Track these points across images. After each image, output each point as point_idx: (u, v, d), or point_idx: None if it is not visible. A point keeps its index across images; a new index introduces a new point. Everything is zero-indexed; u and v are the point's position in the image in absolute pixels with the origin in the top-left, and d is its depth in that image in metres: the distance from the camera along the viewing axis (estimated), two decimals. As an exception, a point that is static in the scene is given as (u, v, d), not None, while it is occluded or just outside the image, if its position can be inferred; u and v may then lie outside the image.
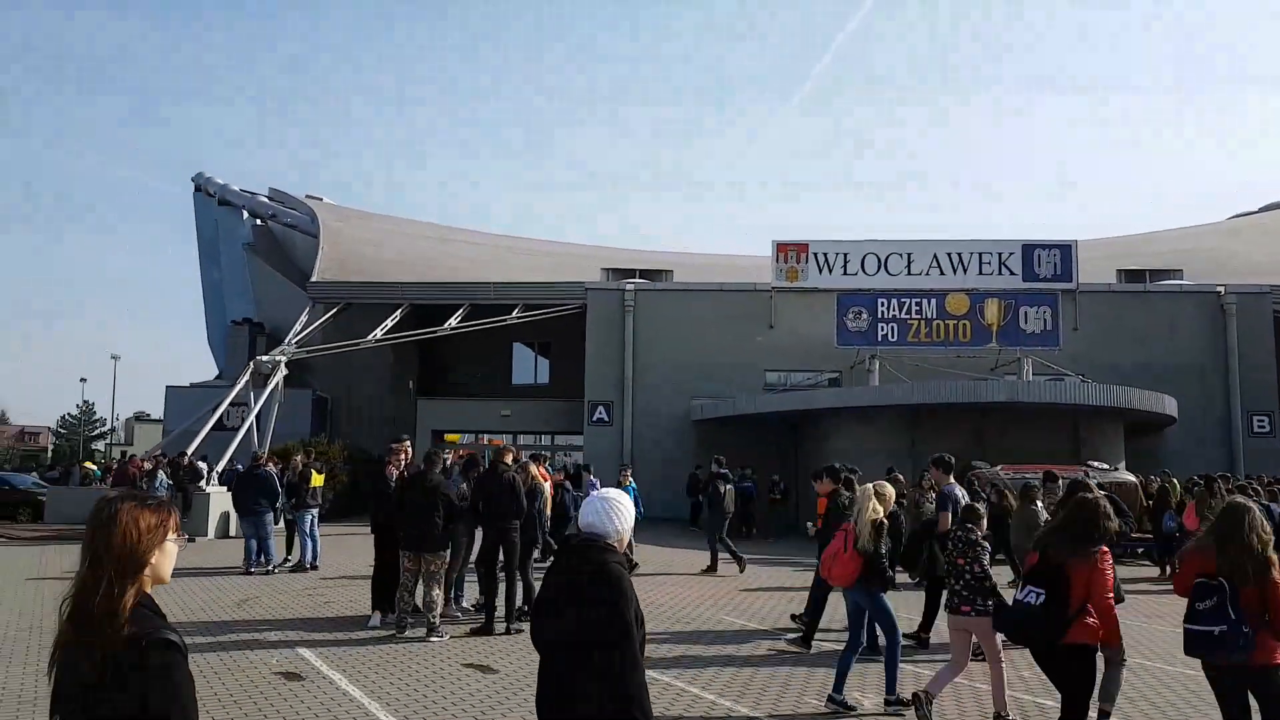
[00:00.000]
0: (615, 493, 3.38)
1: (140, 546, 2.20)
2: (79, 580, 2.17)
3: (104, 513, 2.24)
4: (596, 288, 28.36)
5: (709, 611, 10.89)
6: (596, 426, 27.47)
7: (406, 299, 27.84)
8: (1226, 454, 26.32)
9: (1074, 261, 26.15)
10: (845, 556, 6.85)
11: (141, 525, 2.23)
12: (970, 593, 6.41)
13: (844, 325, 25.36)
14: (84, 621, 2.11)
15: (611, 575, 3.10)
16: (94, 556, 2.18)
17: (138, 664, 2.08)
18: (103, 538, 2.19)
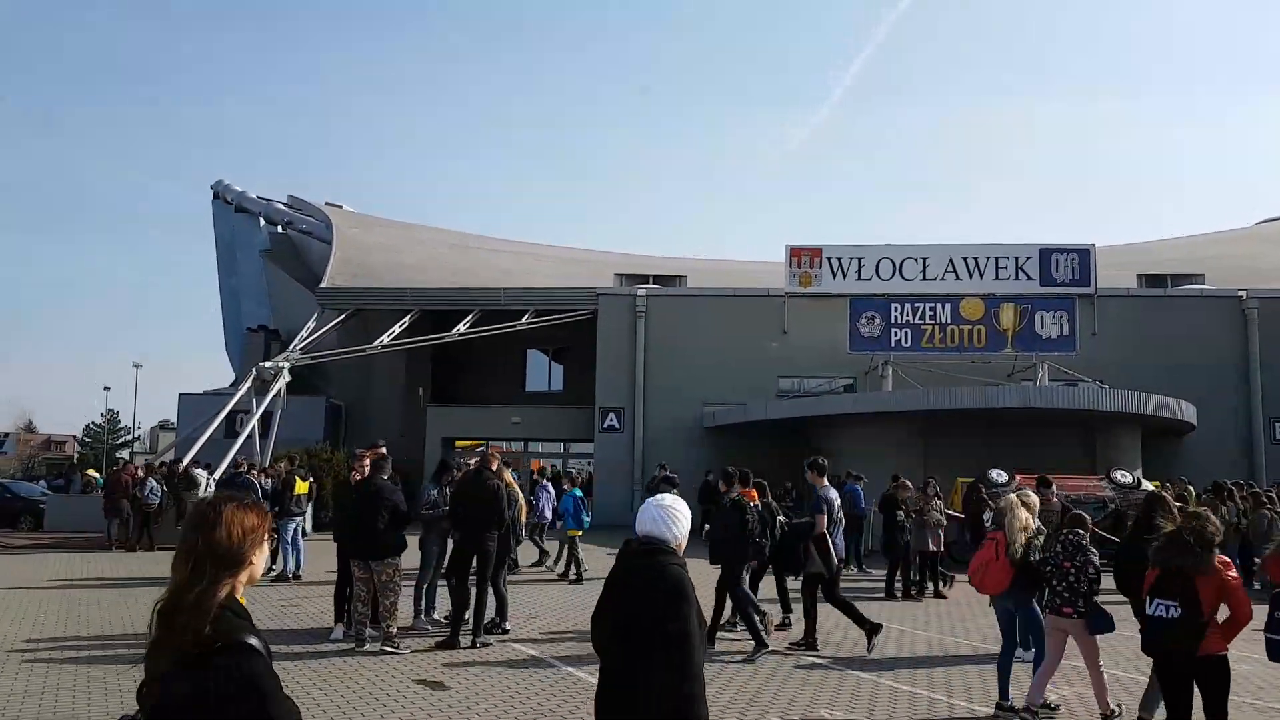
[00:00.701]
0: (671, 499, 3.40)
1: (242, 547, 2.23)
2: (177, 581, 2.17)
3: (208, 514, 2.25)
4: (608, 293, 28.19)
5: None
6: (607, 433, 27.29)
7: (416, 304, 27.81)
8: (1247, 461, 25.75)
9: (1092, 265, 25.68)
10: (997, 566, 6.95)
11: (245, 525, 2.25)
12: (1072, 594, 6.58)
13: (857, 330, 25.09)
14: (174, 622, 2.11)
15: (673, 578, 3.14)
16: (197, 558, 2.18)
17: (217, 667, 2.07)
18: (206, 539, 2.20)
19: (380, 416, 31.84)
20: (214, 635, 2.09)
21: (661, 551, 3.20)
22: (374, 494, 8.60)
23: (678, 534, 3.26)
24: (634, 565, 3.21)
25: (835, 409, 23.06)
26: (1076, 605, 6.57)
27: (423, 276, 30.34)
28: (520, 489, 12.39)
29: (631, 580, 3.19)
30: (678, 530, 3.26)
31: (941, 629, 10.84)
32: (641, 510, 3.36)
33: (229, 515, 2.24)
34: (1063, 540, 6.86)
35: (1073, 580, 6.58)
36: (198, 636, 2.08)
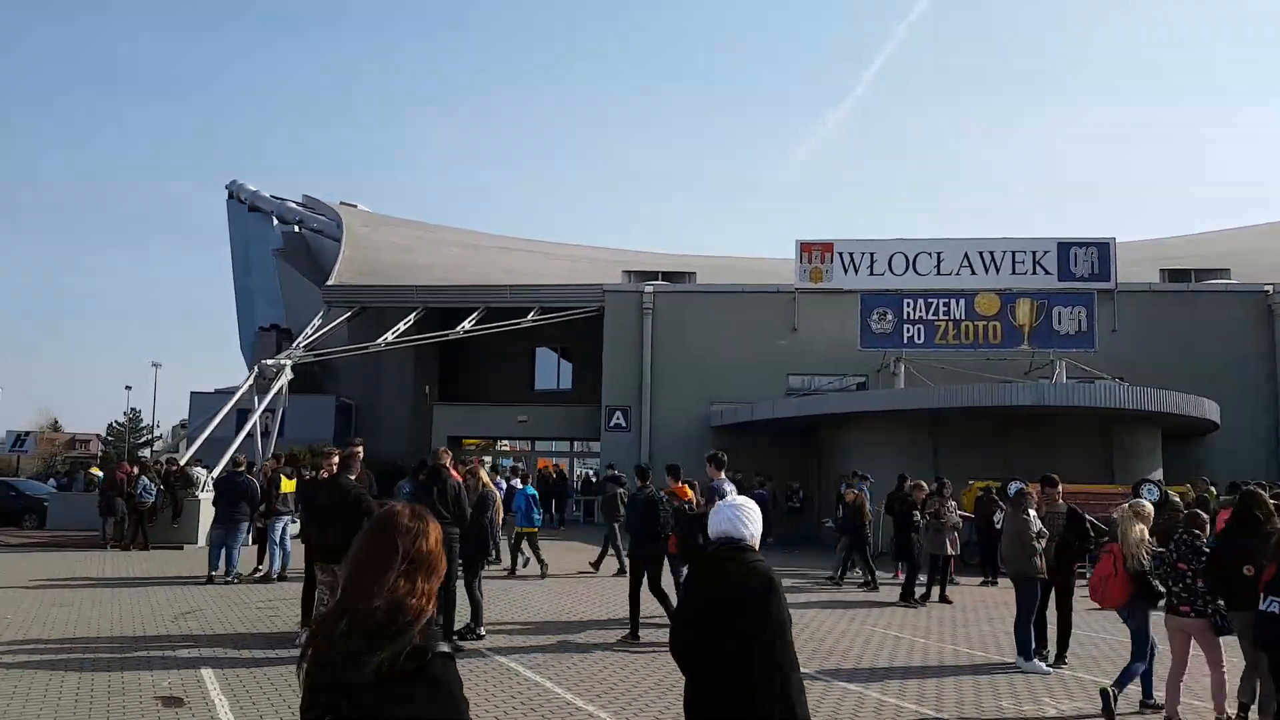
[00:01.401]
0: (742, 499, 3.48)
1: (435, 555, 2.27)
2: (360, 585, 2.17)
3: (414, 525, 2.28)
4: (614, 290, 27.80)
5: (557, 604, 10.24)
6: (614, 432, 26.92)
7: (422, 302, 27.54)
8: (1274, 460, 24.93)
9: (1112, 259, 25.01)
10: (1116, 580, 7.07)
11: (436, 535, 2.29)
12: (1190, 594, 6.63)
13: (868, 327, 24.55)
14: (370, 627, 2.10)
15: (762, 573, 3.16)
16: (374, 563, 2.19)
17: (419, 675, 2.08)
18: (406, 545, 2.22)
19: (390, 416, 31.68)
20: (425, 645, 2.11)
21: (742, 550, 3.25)
22: (339, 493, 8.22)
23: (753, 531, 3.31)
24: (720, 567, 3.23)
25: (842, 407, 22.55)
26: (1194, 604, 6.62)
27: (431, 275, 30.11)
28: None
29: (721, 581, 3.20)
30: (754, 528, 3.32)
31: (942, 636, 10.36)
32: (714, 512, 3.40)
33: (426, 524, 2.28)
34: (1177, 541, 6.89)
35: (1189, 581, 6.65)
36: (408, 644, 2.08)
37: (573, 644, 9.08)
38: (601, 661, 8.39)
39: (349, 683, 2.05)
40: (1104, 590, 7.16)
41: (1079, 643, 9.92)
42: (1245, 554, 6.23)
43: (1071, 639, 9.31)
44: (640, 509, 9.54)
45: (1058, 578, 8.99)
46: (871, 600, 13.02)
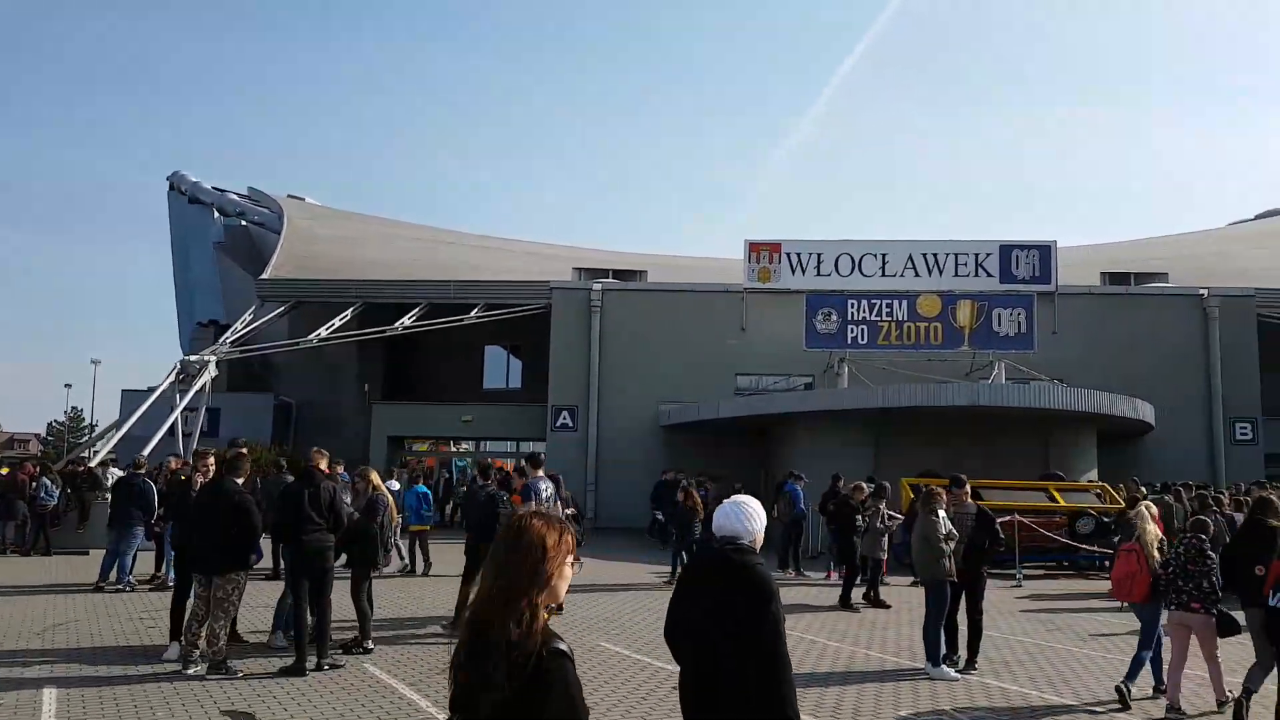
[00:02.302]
0: (745, 498, 3.51)
1: (544, 564, 2.29)
2: (485, 590, 2.27)
3: (513, 528, 2.37)
4: (562, 287, 27.49)
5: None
6: (560, 432, 26.61)
7: (361, 297, 26.98)
8: (1208, 462, 25.37)
9: (1053, 262, 25.23)
10: (1143, 577, 7.54)
11: (547, 543, 2.32)
12: (1200, 594, 7.15)
13: (813, 327, 24.53)
14: (489, 631, 2.19)
15: (757, 574, 3.20)
16: (500, 569, 2.28)
17: (540, 675, 2.15)
18: (514, 552, 2.29)
19: (332, 415, 31.09)
20: (542, 644, 2.18)
21: (742, 550, 3.27)
22: (216, 499, 7.74)
23: (754, 529, 3.35)
24: (716, 564, 3.24)
25: (785, 407, 22.50)
26: (1204, 603, 7.16)
27: (374, 269, 29.53)
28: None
29: (719, 580, 3.21)
30: (754, 526, 3.35)
31: (858, 641, 10.23)
32: (719, 510, 3.44)
33: (532, 531, 2.33)
34: (1186, 544, 7.38)
35: (1199, 581, 7.17)
36: (527, 648, 2.16)
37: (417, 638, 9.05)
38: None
39: (483, 683, 2.15)
40: (1130, 587, 7.65)
41: (994, 646, 9.86)
42: (1256, 556, 7.02)
43: (983, 643, 9.23)
44: (480, 506, 9.66)
45: (967, 580, 8.90)
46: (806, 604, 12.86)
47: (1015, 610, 12.56)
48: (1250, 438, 26.04)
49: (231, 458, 8.24)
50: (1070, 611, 12.68)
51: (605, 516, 25.44)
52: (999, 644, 10.07)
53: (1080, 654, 9.76)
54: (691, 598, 3.30)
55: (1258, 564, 6.92)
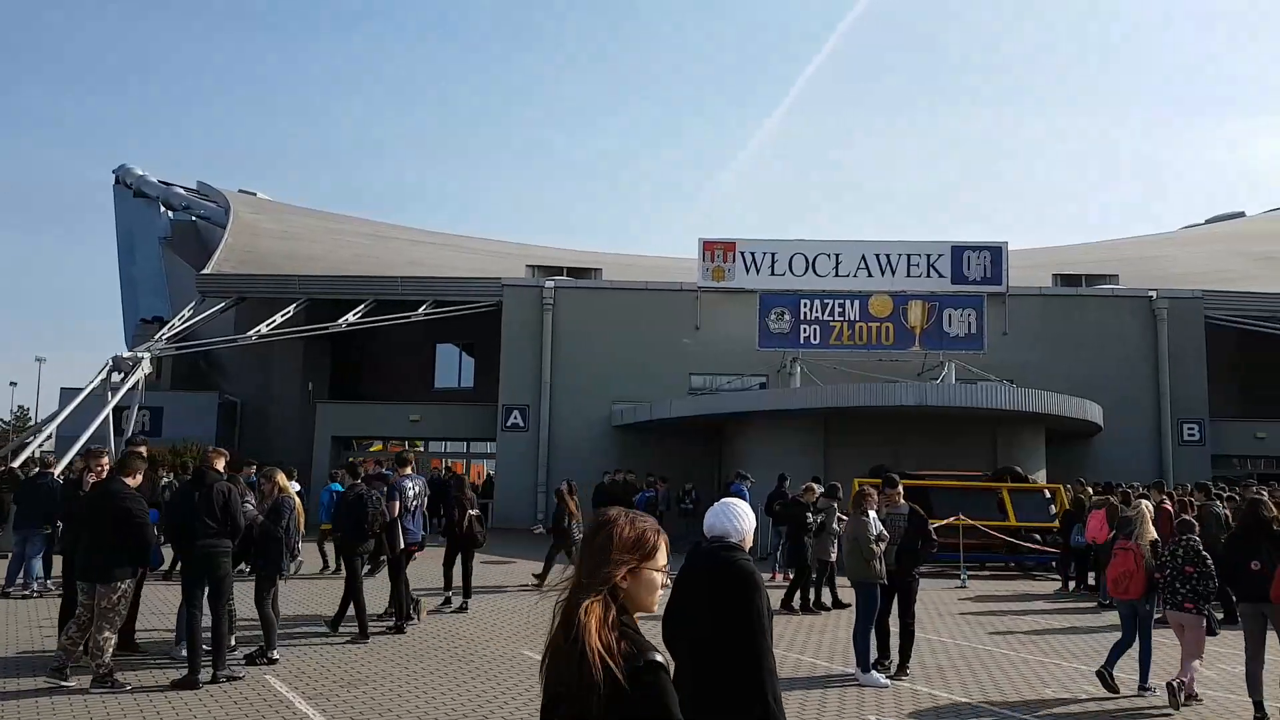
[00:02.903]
0: (735, 499, 3.66)
1: (616, 561, 2.27)
2: (571, 589, 2.26)
3: (591, 525, 2.40)
4: (514, 283, 27.03)
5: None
6: (511, 432, 26.17)
7: (305, 293, 26.30)
8: (1156, 462, 25.55)
9: (1004, 264, 25.26)
10: (1139, 574, 7.88)
11: (614, 542, 2.30)
12: (1194, 594, 7.53)
13: (766, 327, 24.42)
14: (571, 631, 2.18)
15: (743, 570, 3.32)
16: (577, 567, 2.31)
17: (631, 683, 2.11)
18: (587, 552, 2.31)
19: (279, 415, 30.37)
20: (629, 653, 2.14)
21: (728, 547, 3.39)
22: (104, 501, 7.25)
23: (741, 528, 3.46)
24: (704, 562, 3.35)
25: (735, 407, 22.31)
26: (1198, 603, 7.55)
27: (320, 265, 28.85)
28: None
29: (702, 575, 3.33)
30: (742, 525, 3.47)
31: (792, 645, 9.95)
32: (710, 511, 3.56)
33: (604, 533, 2.32)
34: (1184, 546, 7.71)
35: (1195, 582, 7.52)
36: (605, 652, 2.12)
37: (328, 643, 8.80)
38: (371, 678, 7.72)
39: (570, 691, 2.13)
40: (1128, 584, 7.97)
41: (929, 650, 9.65)
42: (1252, 552, 7.38)
43: (917, 647, 9.02)
44: (349, 506, 9.57)
45: (899, 582, 8.67)
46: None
47: (955, 612, 12.40)
48: (1198, 438, 26.29)
49: (122, 457, 7.76)
50: (1013, 614, 12.56)
51: (556, 518, 25.09)
52: (934, 648, 9.87)
53: (1016, 658, 9.58)
54: (686, 596, 3.39)
55: (1253, 561, 7.33)
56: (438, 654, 8.94)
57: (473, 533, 11.18)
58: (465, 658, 8.80)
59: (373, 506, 9.61)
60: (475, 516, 11.31)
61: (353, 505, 9.60)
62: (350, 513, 9.53)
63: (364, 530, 9.56)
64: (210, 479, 7.68)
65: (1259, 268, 32.44)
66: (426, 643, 9.47)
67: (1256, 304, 27.41)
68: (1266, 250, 35.37)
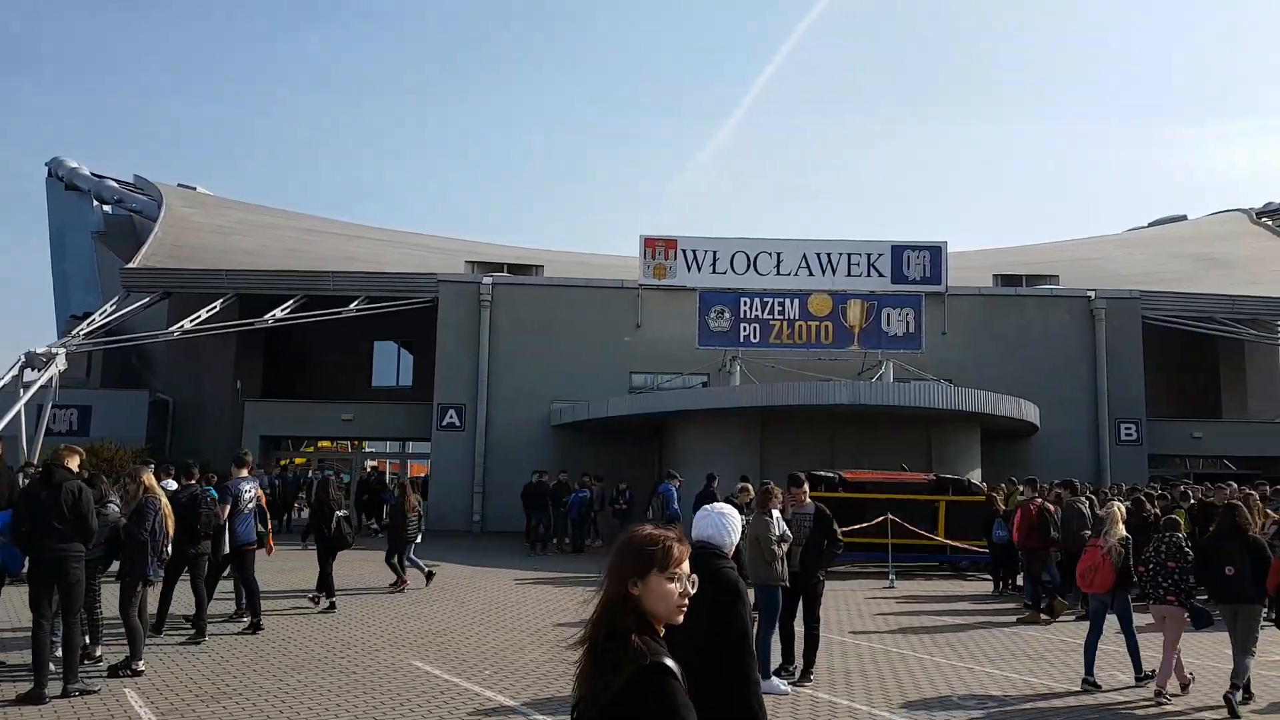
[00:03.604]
0: (728, 508, 3.72)
1: (618, 572, 2.33)
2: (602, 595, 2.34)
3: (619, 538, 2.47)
4: (450, 279, 26.45)
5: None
6: (446, 431, 25.58)
7: (233, 288, 25.50)
8: (1094, 462, 25.70)
9: (943, 263, 25.28)
10: (1105, 568, 8.27)
11: (625, 552, 2.37)
12: (1177, 588, 7.90)
13: (706, 325, 24.19)
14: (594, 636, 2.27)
15: (730, 580, 3.36)
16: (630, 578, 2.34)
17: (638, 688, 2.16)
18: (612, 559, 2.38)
19: (214, 414, 29.49)
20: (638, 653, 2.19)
21: (716, 556, 3.44)
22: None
23: (732, 540, 3.54)
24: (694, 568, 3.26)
25: (672, 405, 22.00)
26: (1180, 596, 7.89)
27: (253, 259, 28.05)
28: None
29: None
30: (732, 538, 3.55)
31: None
32: (700, 516, 3.59)
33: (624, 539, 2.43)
34: (1167, 542, 8.09)
35: (1177, 577, 7.90)
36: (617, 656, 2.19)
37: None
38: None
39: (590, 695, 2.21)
40: (1093, 578, 8.36)
41: (839, 655, 9.38)
42: (1227, 556, 7.76)
43: (826, 652, 8.73)
44: (183, 507, 9.34)
45: (804, 584, 8.37)
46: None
47: (875, 613, 12.16)
48: (1135, 438, 26.49)
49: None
50: (935, 615, 12.33)
51: (493, 519, 24.60)
52: (846, 651, 9.60)
53: (929, 662, 9.33)
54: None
55: (1228, 564, 7.73)
56: (320, 665, 8.46)
57: (341, 534, 11.03)
58: (349, 669, 8.34)
59: (206, 509, 9.45)
60: (343, 518, 11.13)
61: (186, 507, 9.33)
62: (183, 514, 9.23)
63: (196, 532, 9.37)
64: (59, 477, 7.14)
65: (1197, 269, 32.90)
66: (311, 652, 8.99)
67: (1193, 304, 27.73)
68: (1205, 252, 35.93)
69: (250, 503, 10.10)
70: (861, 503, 15.60)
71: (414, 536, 12.94)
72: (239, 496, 9.97)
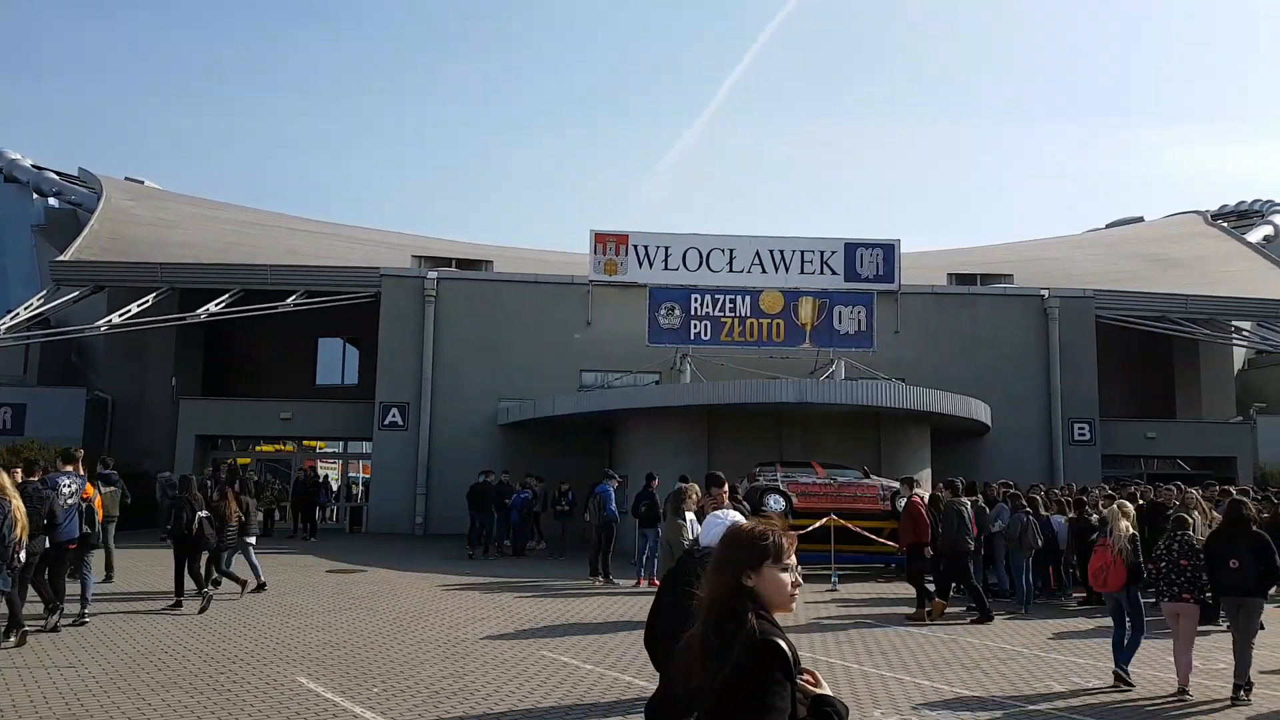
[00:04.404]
0: (736, 515, 3.70)
1: (732, 564, 2.46)
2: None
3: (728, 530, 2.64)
4: (393, 273, 25.70)
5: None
6: (389, 430, 24.85)
7: (167, 282, 24.59)
8: (1047, 462, 25.51)
9: (896, 261, 24.98)
10: (1116, 567, 8.41)
11: (736, 545, 2.50)
12: (1190, 586, 8.01)
13: (656, 322, 23.69)
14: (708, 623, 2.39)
15: None
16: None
17: (750, 661, 2.28)
18: (721, 552, 2.53)
19: (155, 413, 28.50)
20: (752, 629, 2.32)
21: None
22: None
23: None
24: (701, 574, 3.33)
25: (618, 404, 21.44)
26: (1194, 594, 8.01)
27: (191, 252, 27.12)
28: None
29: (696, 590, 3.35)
30: None
31: (622, 664, 9.08)
32: (714, 524, 3.55)
33: (730, 531, 2.61)
34: (1179, 540, 8.20)
35: (1190, 575, 8.02)
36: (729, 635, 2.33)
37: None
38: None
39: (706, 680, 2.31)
40: (1105, 577, 8.52)
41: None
42: (1232, 552, 8.00)
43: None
44: (30, 500, 9.07)
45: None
46: (584, 621, 11.66)
47: (807, 618, 11.68)
48: (1088, 438, 26.34)
49: None
50: (871, 620, 11.87)
51: (437, 521, 23.92)
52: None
53: (857, 670, 8.86)
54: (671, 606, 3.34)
55: (1232, 559, 7.97)
56: (192, 681, 7.79)
57: (203, 534, 10.77)
58: (224, 686, 7.69)
59: (43, 505, 9.14)
60: (205, 518, 10.84)
61: (31, 501, 8.99)
62: (30, 509, 8.85)
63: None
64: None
65: (1152, 269, 32.93)
66: (188, 666, 8.32)
67: (1147, 304, 27.67)
68: (1160, 252, 36.02)
69: (70, 499, 9.65)
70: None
71: (232, 544, 11.98)
72: (60, 490, 9.59)
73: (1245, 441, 28.39)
